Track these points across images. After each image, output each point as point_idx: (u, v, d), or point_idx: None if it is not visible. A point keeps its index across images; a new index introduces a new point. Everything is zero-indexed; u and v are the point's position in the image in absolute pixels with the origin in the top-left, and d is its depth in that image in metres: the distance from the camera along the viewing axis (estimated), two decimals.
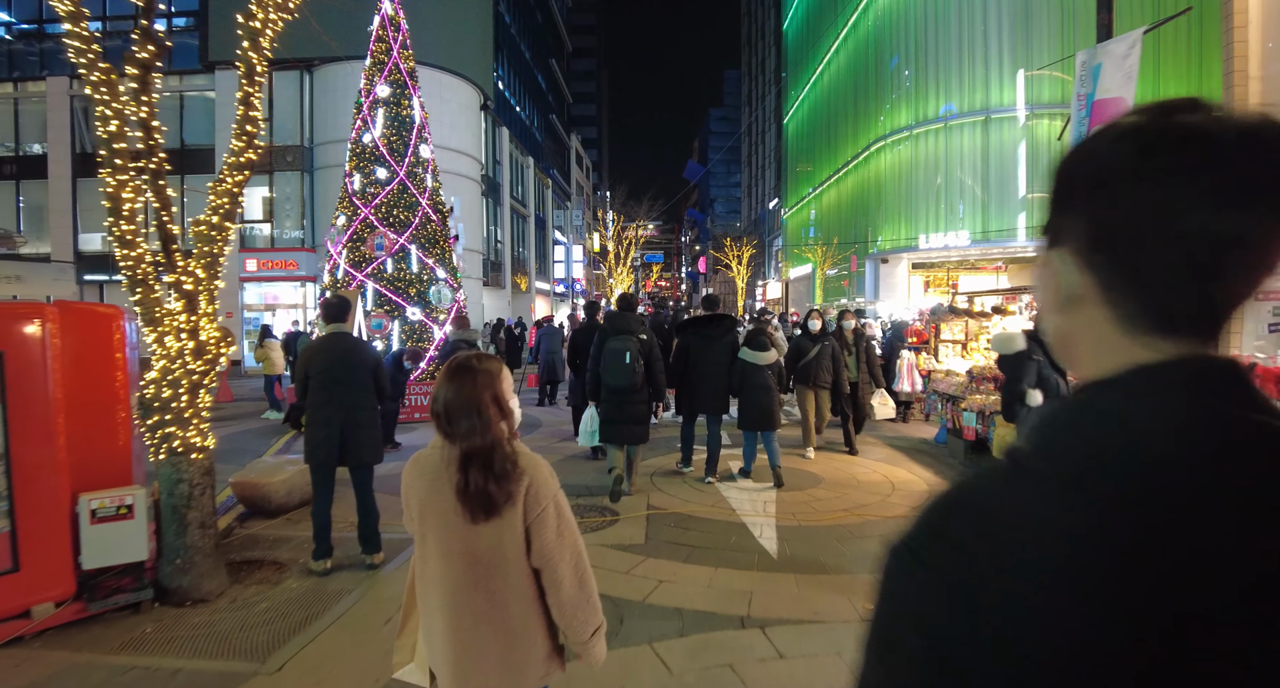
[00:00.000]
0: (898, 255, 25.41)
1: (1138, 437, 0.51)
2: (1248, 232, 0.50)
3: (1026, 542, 0.49)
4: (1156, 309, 0.54)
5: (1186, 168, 0.50)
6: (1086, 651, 0.45)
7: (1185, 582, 0.45)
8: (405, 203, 11.41)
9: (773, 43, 48.47)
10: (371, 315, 10.95)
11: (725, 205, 71.11)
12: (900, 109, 25.47)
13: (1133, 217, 0.53)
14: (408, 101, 11.70)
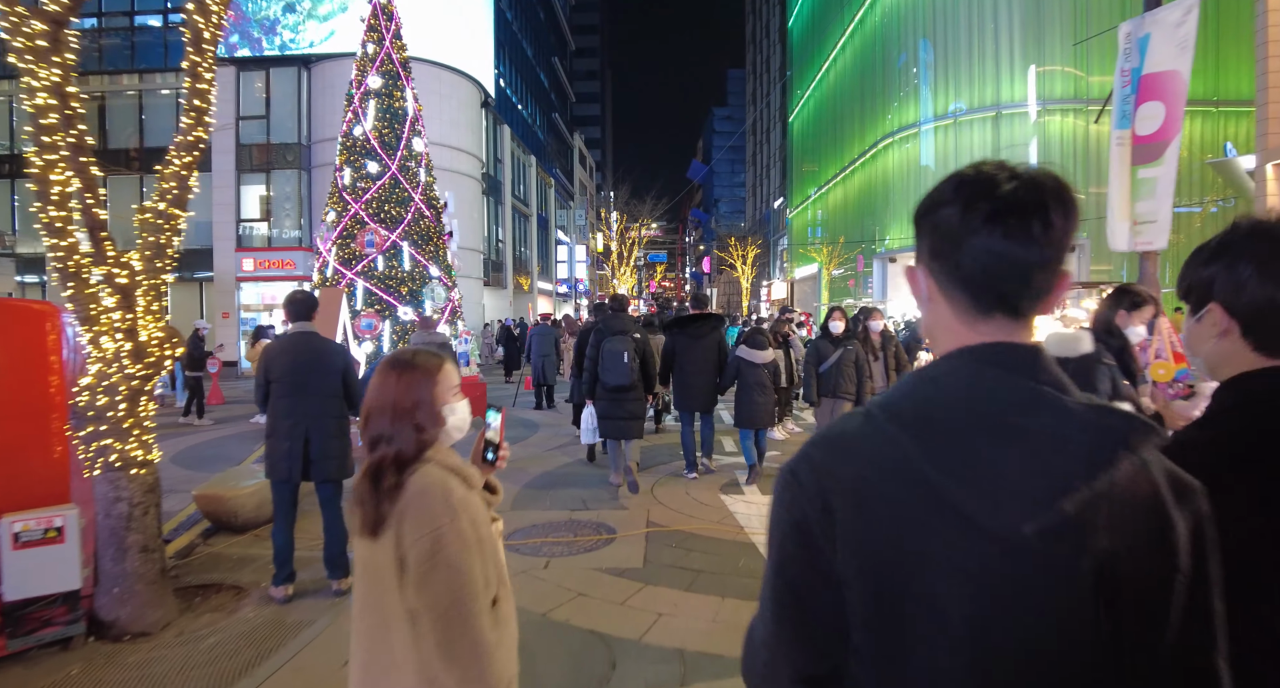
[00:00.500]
0: (906, 254, 24.89)
1: (934, 388, 0.79)
2: (1018, 252, 0.75)
3: (860, 451, 0.78)
4: (974, 303, 0.79)
5: (984, 202, 0.75)
6: (888, 507, 0.75)
7: (941, 475, 0.73)
8: (397, 198, 10.97)
9: (778, 40, 48.00)
10: (361, 315, 10.50)
11: (729, 205, 70.60)
12: (908, 105, 24.99)
13: (950, 237, 0.78)
14: (400, 93, 11.25)
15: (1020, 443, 0.73)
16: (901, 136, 25.27)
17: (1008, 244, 0.75)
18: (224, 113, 23.55)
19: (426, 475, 1.51)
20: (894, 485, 0.75)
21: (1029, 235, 0.75)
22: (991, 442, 0.73)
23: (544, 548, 4.78)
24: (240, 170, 23.59)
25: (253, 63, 23.25)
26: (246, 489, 5.35)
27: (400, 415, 1.55)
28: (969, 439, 0.74)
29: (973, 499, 0.72)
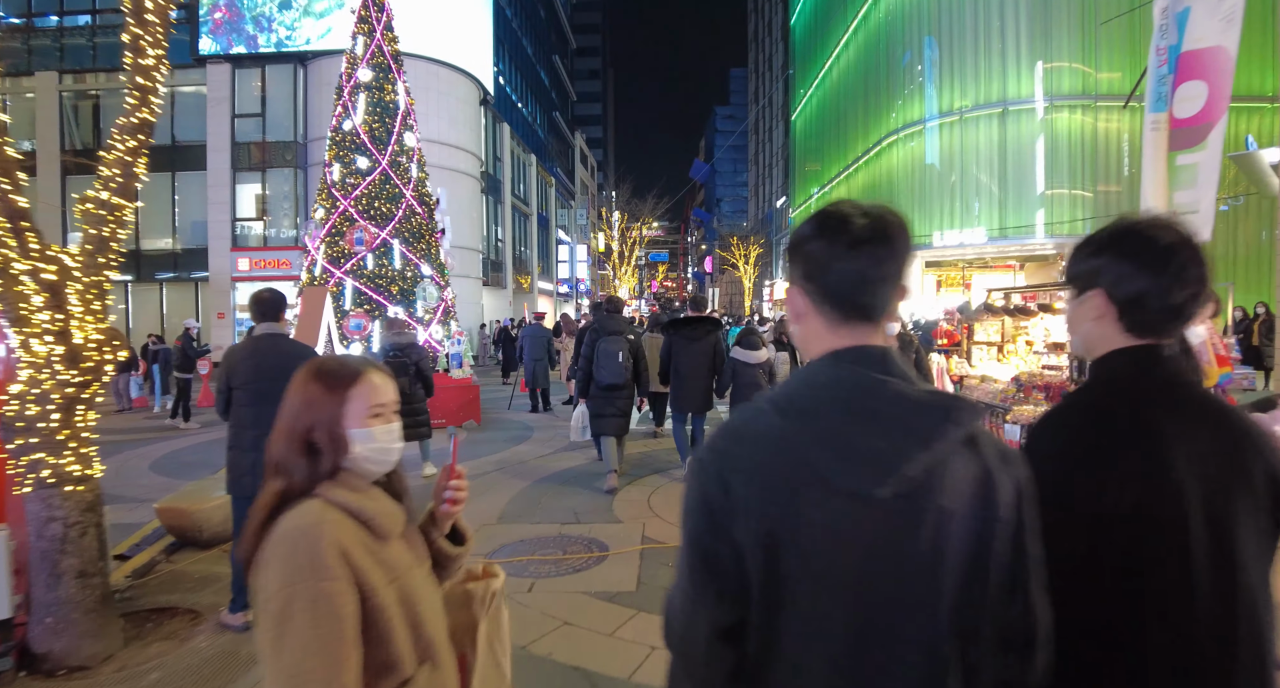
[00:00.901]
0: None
1: (808, 384, 0.96)
2: (868, 270, 0.94)
3: (753, 438, 0.94)
4: (838, 313, 0.97)
5: (841, 235, 0.94)
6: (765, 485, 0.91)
7: (813, 453, 0.90)
8: (387, 194, 10.62)
9: (780, 39, 47.61)
10: (350, 315, 10.15)
11: (732, 205, 70.18)
12: (913, 102, 24.58)
13: (820, 263, 0.96)
14: (391, 87, 10.90)
15: (873, 423, 0.91)
16: (906, 134, 24.86)
17: (863, 267, 0.95)
18: (219, 111, 23.27)
19: (300, 516, 1.18)
20: (779, 463, 0.92)
21: (877, 259, 0.95)
22: (850, 423, 0.91)
23: (530, 567, 4.42)
24: (236, 169, 23.28)
25: (248, 60, 22.93)
26: (213, 502, 4.99)
27: (293, 438, 1.26)
28: (834, 422, 0.92)
29: (837, 469, 0.90)
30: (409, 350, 6.80)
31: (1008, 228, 21.68)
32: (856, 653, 0.90)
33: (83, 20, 24.28)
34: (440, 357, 10.46)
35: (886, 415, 0.91)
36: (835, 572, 0.90)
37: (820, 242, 0.96)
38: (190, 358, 11.13)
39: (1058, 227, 21.42)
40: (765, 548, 0.91)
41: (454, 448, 1.53)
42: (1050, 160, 21.43)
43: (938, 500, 0.90)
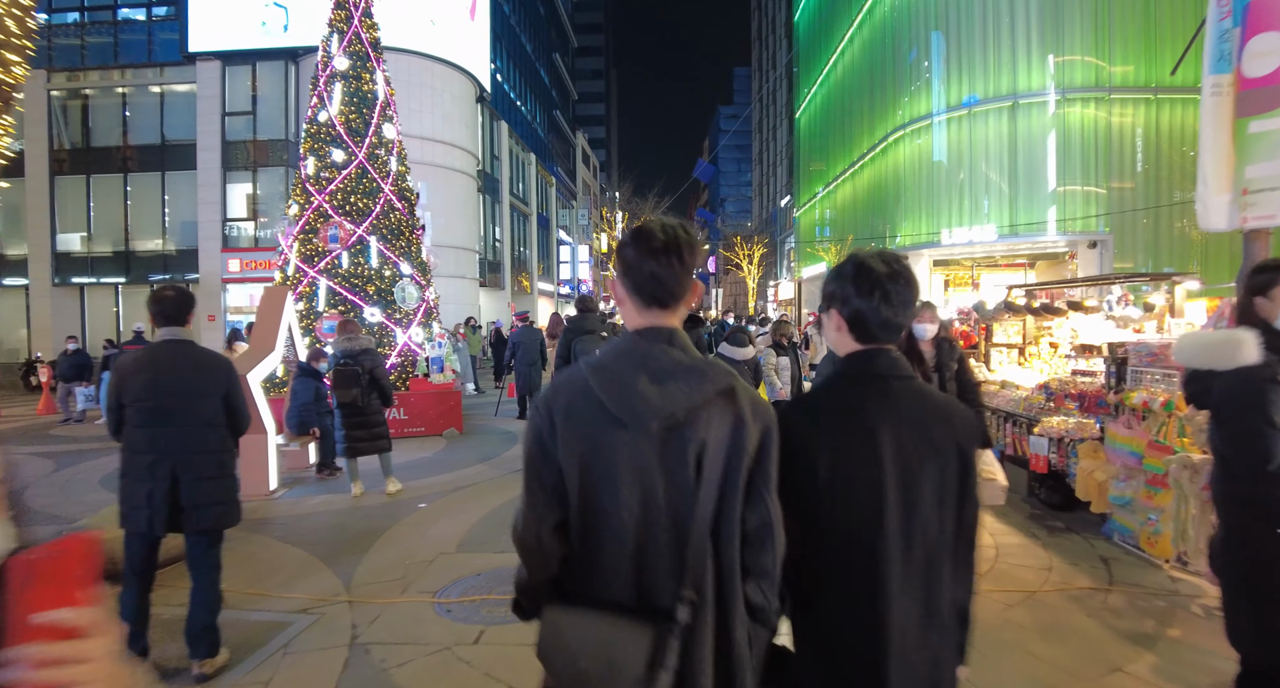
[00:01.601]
0: (918, 252, 23.82)
1: (612, 349, 1.36)
2: (661, 272, 1.31)
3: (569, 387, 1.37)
4: (644, 300, 1.34)
5: (645, 245, 1.32)
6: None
7: (607, 398, 1.29)
8: (364, 189, 10.04)
9: (784, 36, 46.96)
10: (324, 317, 9.57)
11: (736, 205, 69.48)
12: (920, 97, 23.92)
13: (631, 264, 1.34)
14: (370, 76, 10.33)
15: (651, 379, 1.28)
16: (913, 129, 24.20)
17: (658, 268, 1.33)
18: (209, 109, 22.77)
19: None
20: (584, 405, 1.32)
21: (669, 265, 1.32)
22: (635, 377, 1.29)
23: (483, 610, 3.81)
24: (227, 168, 22.79)
25: (238, 57, 22.43)
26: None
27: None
28: (624, 377, 1.30)
29: (623, 410, 1.28)
30: (362, 357, 6.20)
31: (1018, 225, 21.00)
32: (640, 543, 1.31)
33: (71, 18, 23.84)
34: (420, 360, 9.87)
35: (662, 374, 1.30)
36: (625, 484, 1.30)
37: (631, 248, 1.36)
38: None
39: (1070, 224, 20.73)
40: (578, 467, 1.32)
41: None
42: (1062, 155, 20.74)
43: (699, 434, 1.29)
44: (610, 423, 1.29)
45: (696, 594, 1.27)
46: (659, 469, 1.29)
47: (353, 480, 6.43)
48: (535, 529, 1.35)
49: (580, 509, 1.33)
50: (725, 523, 1.30)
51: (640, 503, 1.30)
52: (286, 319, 7.19)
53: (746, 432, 1.30)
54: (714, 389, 1.29)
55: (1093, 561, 4.21)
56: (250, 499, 6.34)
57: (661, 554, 1.30)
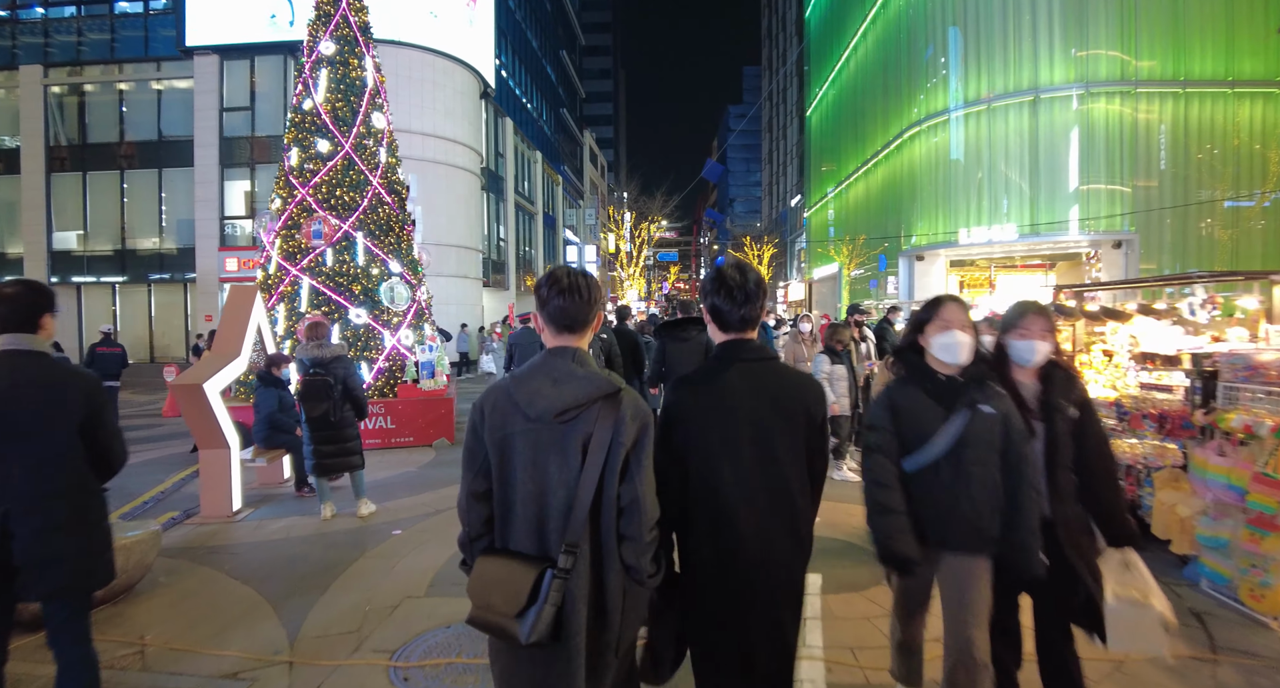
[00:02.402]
0: (934, 252, 23.06)
1: (529, 364, 1.85)
2: (569, 307, 1.82)
3: (495, 389, 1.86)
4: (556, 327, 1.84)
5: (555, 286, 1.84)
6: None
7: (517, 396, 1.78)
8: (351, 181, 9.40)
9: (795, 33, 46.25)
10: (306, 318, 8.92)
11: (745, 205, 68.72)
12: (936, 93, 23.16)
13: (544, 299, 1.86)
14: (358, 62, 9.68)
15: (552, 385, 1.75)
16: (929, 125, 23.43)
17: (564, 303, 1.81)
18: (206, 104, 22.25)
19: None
20: (504, 402, 1.78)
21: (573, 300, 1.81)
22: (540, 383, 1.76)
23: (446, 678, 3.13)
24: (224, 165, 22.26)
25: (236, 51, 21.90)
26: (137, 536, 3.75)
27: None
28: (533, 383, 1.77)
29: (528, 407, 1.74)
30: (334, 366, 5.54)
31: (1039, 224, 20.20)
32: (539, 507, 1.76)
33: (69, 12, 23.37)
34: (409, 365, 9.23)
35: (561, 380, 1.77)
36: (527, 461, 1.76)
37: (545, 288, 1.85)
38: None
39: (1093, 223, 19.93)
40: (497, 448, 1.79)
41: None
42: (1085, 152, 19.94)
43: (586, 428, 1.74)
44: (521, 417, 1.77)
45: (574, 549, 1.71)
46: (554, 452, 1.76)
47: (322, 502, 5.78)
48: (465, 495, 1.85)
49: (499, 481, 1.80)
50: (604, 496, 1.75)
51: (539, 478, 1.76)
52: (255, 321, 6.54)
53: (624, 427, 1.74)
54: (600, 392, 1.76)
55: (1184, 616, 3.50)
56: (210, 521, 5.71)
57: (554, 517, 1.75)
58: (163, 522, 5.69)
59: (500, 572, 1.73)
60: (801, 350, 7.70)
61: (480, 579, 1.75)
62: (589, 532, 1.74)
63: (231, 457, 5.87)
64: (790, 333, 7.60)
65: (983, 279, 24.21)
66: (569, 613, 1.70)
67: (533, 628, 1.66)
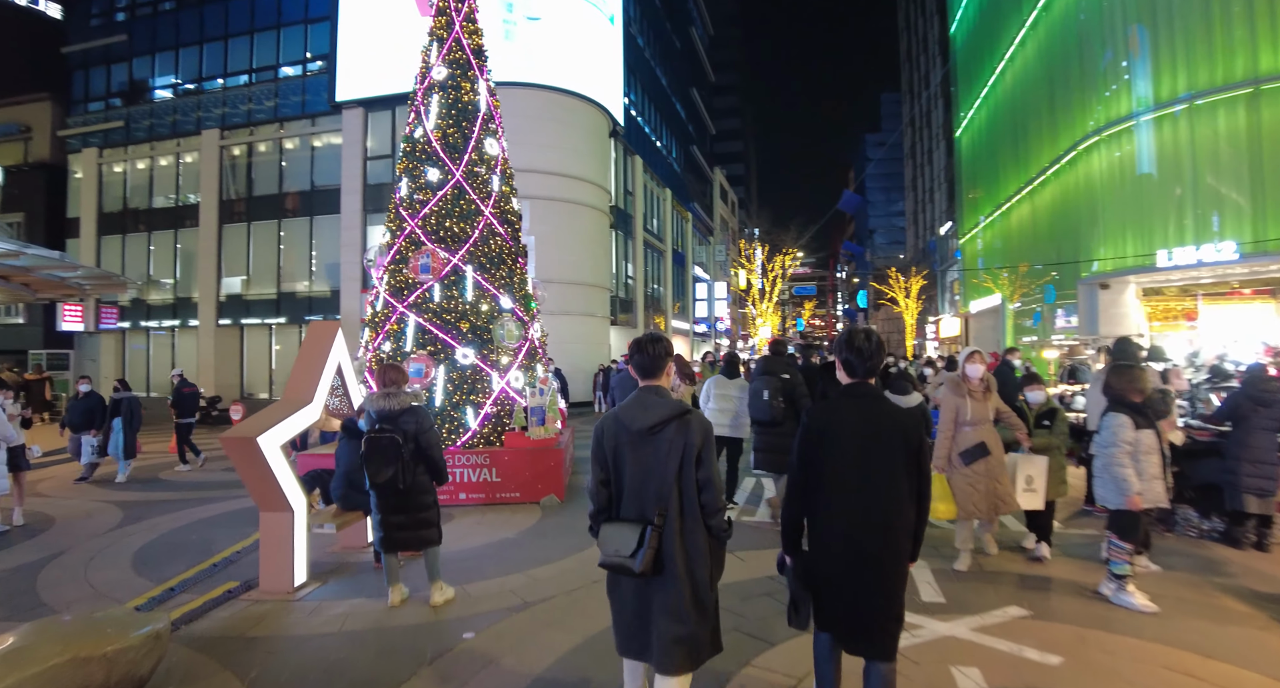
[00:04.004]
0: (1122, 278, 19.73)
1: (630, 398, 2.88)
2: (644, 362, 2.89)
3: (607, 417, 2.90)
4: (641, 374, 2.90)
5: (635, 348, 2.92)
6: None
7: (623, 419, 2.81)
8: (461, 211, 8.72)
9: (938, 52, 43.45)
10: (410, 359, 8.22)
11: (886, 235, 64.99)
12: (1118, 98, 20.13)
13: (630, 355, 2.98)
14: (470, 86, 9.10)
15: (650, 408, 2.76)
16: (1109, 135, 20.39)
17: (641, 359, 2.90)
18: (352, 153, 23.41)
19: None
20: (611, 422, 2.84)
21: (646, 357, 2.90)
22: (636, 410, 2.79)
23: None
24: (367, 210, 23.17)
25: (379, 103, 22.93)
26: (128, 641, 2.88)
27: None
28: (630, 409, 2.80)
29: (627, 424, 2.78)
30: (404, 420, 4.53)
31: (1268, 240, 16.61)
32: (638, 489, 2.73)
33: (243, 80, 25.63)
34: (516, 411, 8.25)
35: (649, 407, 2.76)
36: (631, 460, 2.75)
37: (632, 348, 2.91)
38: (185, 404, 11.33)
39: None
40: (611, 453, 2.80)
41: None
42: None
43: (666, 436, 2.71)
44: (626, 431, 2.79)
45: (664, 513, 2.67)
46: (647, 453, 2.74)
47: (390, 584, 4.74)
48: (595, 483, 2.87)
49: (614, 474, 2.82)
50: (684, 480, 2.70)
51: (638, 471, 2.75)
52: (335, 361, 5.74)
53: (693, 436, 2.71)
54: (674, 414, 2.74)
55: None
56: (266, 598, 4.81)
57: (649, 494, 2.72)
58: (215, 596, 4.86)
59: (618, 531, 2.71)
60: (967, 407, 5.17)
61: (607, 537, 2.73)
62: (678, 507, 2.69)
63: (296, 522, 5.00)
64: (948, 380, 5.42)
65: (1177, 310, 20.56)
66: (667, 555, 2.66)
67: (641, 563, 2.61)
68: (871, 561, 2.64)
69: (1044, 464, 5.25)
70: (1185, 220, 18.13)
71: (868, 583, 2.65)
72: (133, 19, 27.82)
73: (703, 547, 2.70)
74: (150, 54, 27.29)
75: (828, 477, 2.72)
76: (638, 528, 2.65)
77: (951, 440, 5.20)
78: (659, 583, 2.66)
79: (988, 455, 5.07)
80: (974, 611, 4.37)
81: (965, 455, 5.10)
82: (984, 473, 5.06)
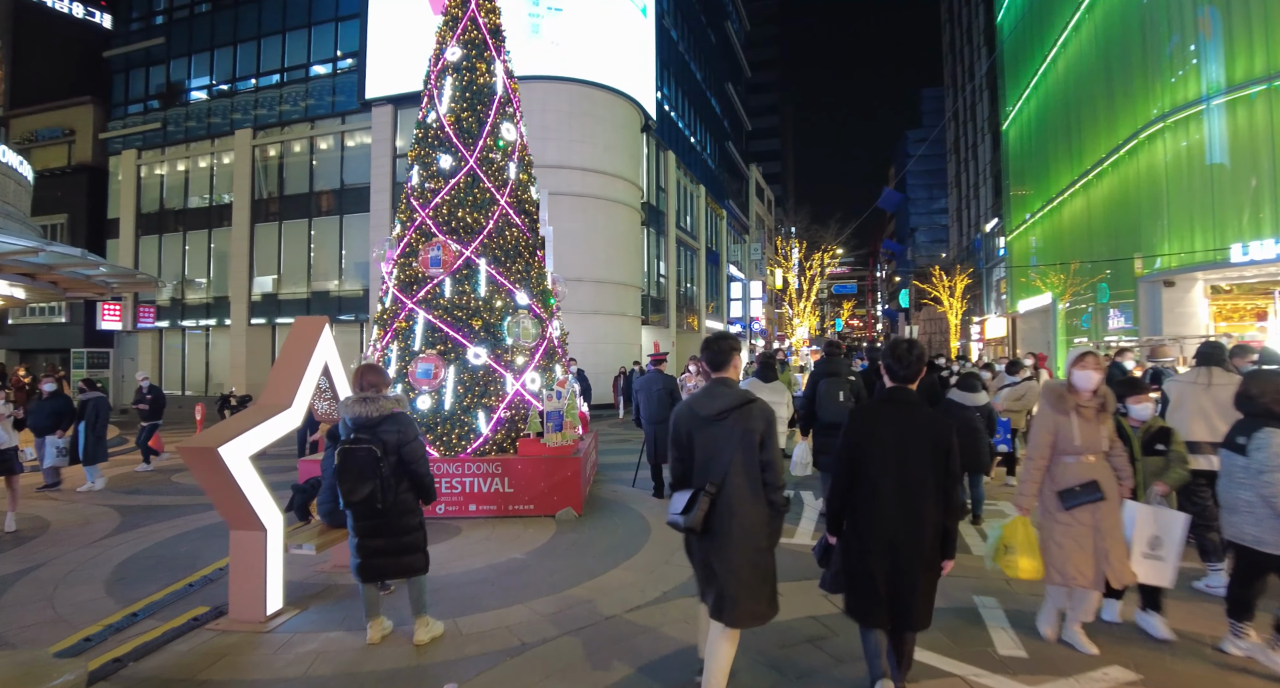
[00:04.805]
0: (1189, 274, 18.37)
1: (700, 389, 3.30)
2: (714, 357, 3.26)
3: (683, 405, 3.27)
4: (711, 368, 3.28)
5: (705, 346, 3.34)
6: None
7: (695, 407, 3.17)
8: (474, 200, 8.12)
9: (982, 43, 41.83)
10: (419, 359, 7.65)
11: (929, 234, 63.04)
12: (1188, 79, 18.76)
13: (701, 352, 3.39)
14: (486, 67, 8.51)
15: (712, 399, 3.14)
16: (1175, 120, 19.00)
17: (711, 355, 3.31)
18: (381, 152, 23.17)
19: None
20: (686, 411, 3.20)
21: (715, 353, 3.31)
22: (706, 398, 3.16)
23: None
24: (395, 208, 22.84)
25: (409, 100, 22.56)
26: None
27: None
28: (701, 398, 3.19)
29: (699, 411, 3.14)
30: (383, 429, 3.91)
31: None
32: (705, 465, 3.10)
33: (274, 79, 25.60)
34: (531, 415, 7.61)
35: (717, 397, 3.12)
36: (699, 442, 3.11)
37: (703, 348, 3.35)
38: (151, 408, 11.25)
39: None
40: (685, 436, 3.16)
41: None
42: None
43: (731, 421, 3.05)
44: (698, 418, 3.13)
45: (719, 484, 3.03)
46: (715, 436, 3.08)
47: (369, 618, 4.12)
48: (673, 460, 3.24)
49: (689, 453, 3.16)
50: (747, 460, 3.03)
51: (705, 451, 3.10)
52: (321, 361, 5.15)
53: (755, 422, 3.05)
54: (739, 402, 3.09)
55: None
56: (235, 628, 4.23)
57: (713, 470, 3.06)
58: (177, 625, 4.30)
59: (679, 497, 3.12)
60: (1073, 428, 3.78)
61: (673, 502, 3.14)
62: (738, 482, 3.03)
63: (269, 542, 4.41)
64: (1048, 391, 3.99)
65: (1245, 309, 19.14)
66: (721, 517, 3.02)
67: (688, 520, 3.01)
68: (905, 552, 3.00)
69: (1181, 523, 3.79)
70: (1262, 212, 16.75)
71: (902, 570, 3.00)
72: (170, 22, 28.06)
73: (761, 518, 3.06)
74: (186, 56, 27.48)
75: (867, 475, 3.07)
76: (698, 494, 3.06)
77: (1044, 473, 3.83)
78: (720, 545, 3.03)
79: (1099, 499, 3.68)
80: (1065, 671, 3.56)
81: (1066, 497, 3.72)
82: (1090, 524, 3.68)
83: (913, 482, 2.97)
